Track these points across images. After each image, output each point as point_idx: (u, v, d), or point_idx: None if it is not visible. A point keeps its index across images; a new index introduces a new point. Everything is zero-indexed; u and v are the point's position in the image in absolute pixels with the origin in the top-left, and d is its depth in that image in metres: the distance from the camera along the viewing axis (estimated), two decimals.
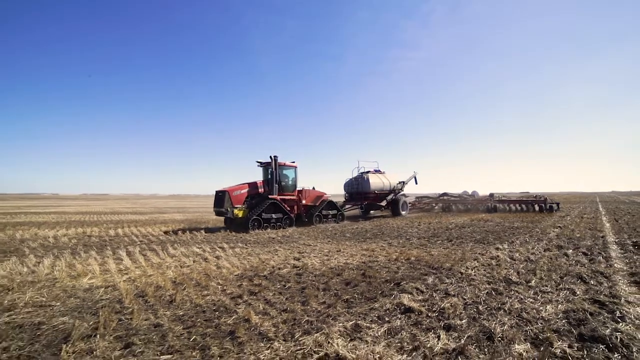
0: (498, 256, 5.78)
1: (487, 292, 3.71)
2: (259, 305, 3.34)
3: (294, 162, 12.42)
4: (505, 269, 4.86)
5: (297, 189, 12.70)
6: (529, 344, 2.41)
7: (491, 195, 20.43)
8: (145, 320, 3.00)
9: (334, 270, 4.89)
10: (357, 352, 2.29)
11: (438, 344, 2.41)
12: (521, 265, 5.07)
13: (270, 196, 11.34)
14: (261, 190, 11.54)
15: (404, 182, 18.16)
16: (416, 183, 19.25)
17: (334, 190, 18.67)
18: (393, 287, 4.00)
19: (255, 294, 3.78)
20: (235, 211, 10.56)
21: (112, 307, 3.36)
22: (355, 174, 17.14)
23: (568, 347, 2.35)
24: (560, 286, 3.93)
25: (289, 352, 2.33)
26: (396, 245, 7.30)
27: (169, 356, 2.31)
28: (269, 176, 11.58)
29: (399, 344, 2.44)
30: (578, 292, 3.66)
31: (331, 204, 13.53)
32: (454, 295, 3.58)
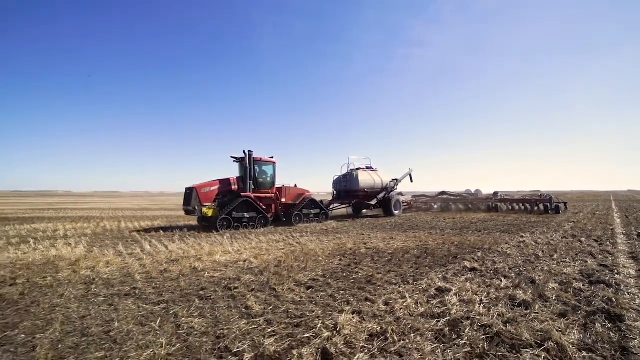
0: (524, 241, 7.30)
1: (523, 261, 5.27)
2: (369, 269, 4.94)
3: (272, 157, 12.04)
4: (532, 249, 6.38)
5: (276, 186, 12.24)
6: (557, 284, 3.96)
7: (495, 193, 19.47)
8: (302, 277, 4.61)
9: (400, 250, 6.50)
10: (455, 287, 3.87)
11: (501, 284, 3.98)
12: (544, 247, 6.58)
13: (242, 194, 10.82)
14: (235, 187, 11.03)
15: (397, 179, 17.41)
16: (411, 181, 18.44)
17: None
18: (453, 259, 5.59)
19: (358, 264, 5.38)
20: (204, 210, 10.13)
21: (270, 271, 4.99)
22: (344, 171, 16.47)
23: (582, 285, 3.89)
24: (576, 259, 5.44)
25: (414, 288, 3.92)
26: (436, 234, 8.86)
27: (343, 292, 3.92)
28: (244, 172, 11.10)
29: (476, 284, 4.02)
30: (589, 262, 5.16)
31: (313, 203, 13.12)
32: (500, 263, 5.14)
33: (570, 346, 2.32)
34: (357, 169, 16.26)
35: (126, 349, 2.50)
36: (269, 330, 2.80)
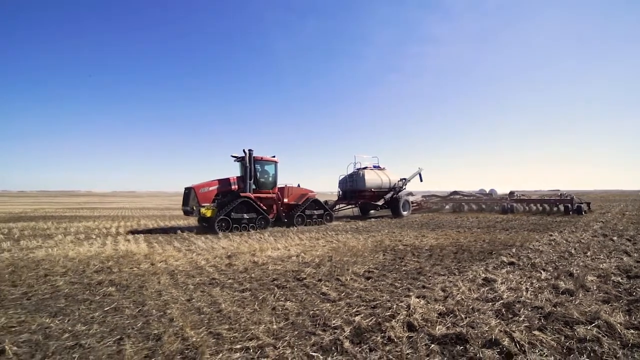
0: (555, 239, 7.62)
1: (557, 257, 5.66)
2: (415, 263, 5.44)
3: (274, 156, 11.86)
4: (564, 247, 6.72)
5: (278, 186, 12.07)
6: (595, 277, 4.36)
7: (511, 193, 18.75)
8: (357, 269, 5.14)
9: (436, 247, 6.97)
10: (499, 277, 4.34)
11: (541, 276, 4.41)
12: (576, 245, 6.89)
13: (242, 194, 10.67)
14: (234, 187, 10.89)
15: (405, 179, 17.07)
16: (421, 180, 18.03)
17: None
18: (489, 254, 6.03)
19: (402, 258, 5.89)
20: (203, 210, 10.03)
21: (325, 265, 5.56)
22: (351, 170, 16.17)
23: (620, 279, 4.28)
24: (610, 256, 5.76)
25: (463, 278, 4.41)
26: (465, 232, 9.26)
27: (401, 281, 4.44)
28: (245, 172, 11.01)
29: (518, 275, 4.47)
30: (625, 259, 5.48)
31: (317, 203, 12.88)
32: (536, 258, 5.55)
33: (618, 325, 2.77)
34: (364, 168, 16.04)
35: (243, 324, 3.11)
36: (353, 310, 3.36)
